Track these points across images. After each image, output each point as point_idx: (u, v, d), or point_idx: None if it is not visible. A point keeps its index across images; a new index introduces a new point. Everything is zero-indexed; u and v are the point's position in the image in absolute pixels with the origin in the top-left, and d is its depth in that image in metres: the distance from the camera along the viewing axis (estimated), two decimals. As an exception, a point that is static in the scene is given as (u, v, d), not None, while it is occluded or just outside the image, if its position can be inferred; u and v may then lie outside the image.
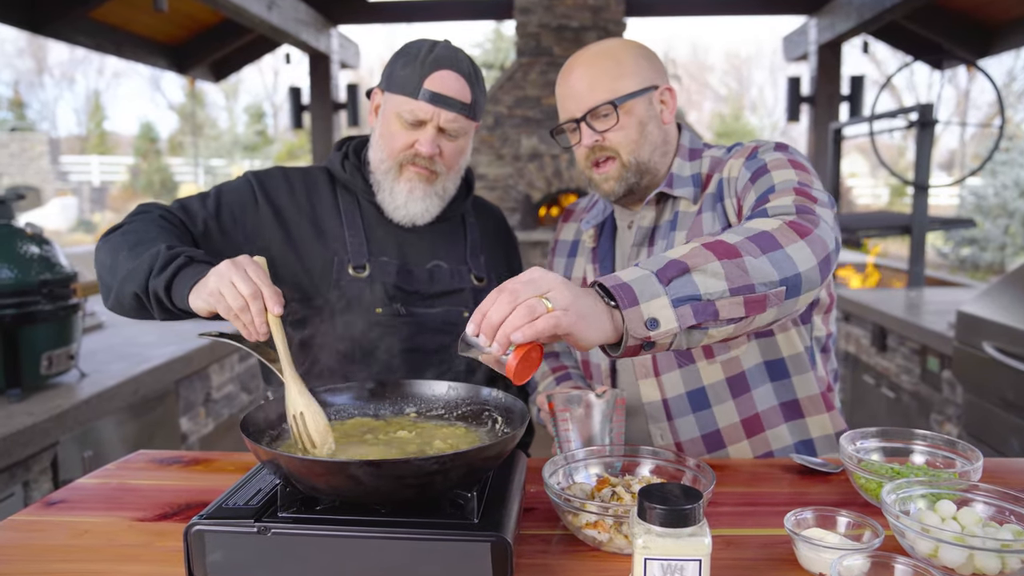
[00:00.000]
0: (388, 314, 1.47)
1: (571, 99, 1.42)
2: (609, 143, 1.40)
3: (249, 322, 1.14)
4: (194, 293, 1.19)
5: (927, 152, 4.61)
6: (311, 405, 1.10)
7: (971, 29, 6.48)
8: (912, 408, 3.91)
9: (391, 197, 1.50)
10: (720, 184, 1.39)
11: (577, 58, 1.44)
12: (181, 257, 1.25)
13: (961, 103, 20.53)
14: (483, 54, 20.03)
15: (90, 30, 5.56)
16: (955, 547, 0.88)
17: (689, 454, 1.42)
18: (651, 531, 0.81)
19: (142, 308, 1.32)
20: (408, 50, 1.47)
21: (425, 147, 1.44)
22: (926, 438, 1.23)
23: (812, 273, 1.07)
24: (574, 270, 1.58)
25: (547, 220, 6.63)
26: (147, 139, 22.31)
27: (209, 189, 1.52)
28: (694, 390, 1.42)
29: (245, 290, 1.13)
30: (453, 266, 1.55)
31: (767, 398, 1.43)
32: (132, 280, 1.28)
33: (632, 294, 0.96)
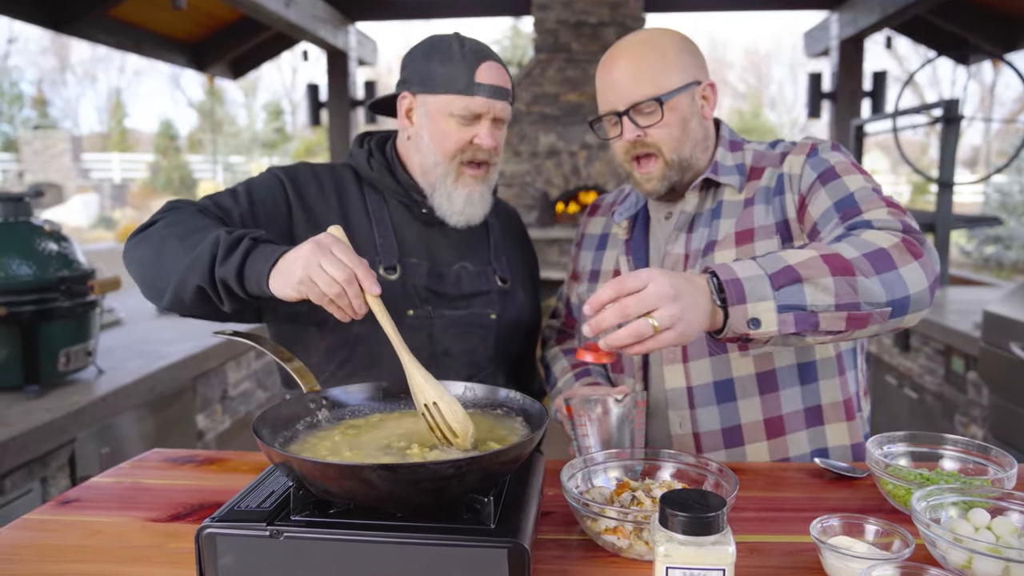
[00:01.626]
0: (419, 316, 1.45)
1: (613, 91, 1.39)
2: (651, 139, 1.38)
3: (347, 306, 1.10)
4: (277, 279, 1.13)
5: (952, 149, 4.53)
6: (444, 393, 1.04)
7: (998, 22, 6.36)
8: (936, 409, 3.85)
9: (449, 202, 1.47)
10: (780, 179, 1.38)
11: (621, 48, 1.41)
12: (246, 240, 1.19)
13: (986, 99, 20.25)
14: (501, 51, 20.02)
15: (110, 28, 5.60)
16: (990, 559, 0.85)
17: (706, 446, 1.40)
18: (673, 539, 0.78)
19: (206, 301, 1.24)
20: (437, 47, 1.43)
21: (487, 140, 1.43)
22: (956, 443, 1.19)
23: (922, 295, 1.11)
24: (603, 263, 1.55)
25: (564, 218, 6.60)
26: (167, 136, 22.49)
27: (236, 185, 1.45)
28: (722, 381, 1.39)
29: (339, 275, 1.08)
30: (478, 268, 1.53)
31: (793, 401, 1.40)
32: (194, 272, 1.20)
33: (742, 292, 1.03)
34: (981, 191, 13.36)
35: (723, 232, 1.38)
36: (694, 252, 1.40)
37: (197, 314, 1.32)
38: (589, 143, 6.30)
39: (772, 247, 1.32)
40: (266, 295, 1.16)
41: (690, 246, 1.41)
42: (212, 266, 1.18)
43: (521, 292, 1.58)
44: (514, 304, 1.55)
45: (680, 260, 1.40)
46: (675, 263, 1.41)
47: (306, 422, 1.09)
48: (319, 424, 1.10)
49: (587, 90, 6.29)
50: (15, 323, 2.41)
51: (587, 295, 1.55)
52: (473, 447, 1.02)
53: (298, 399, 1.10)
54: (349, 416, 1.14)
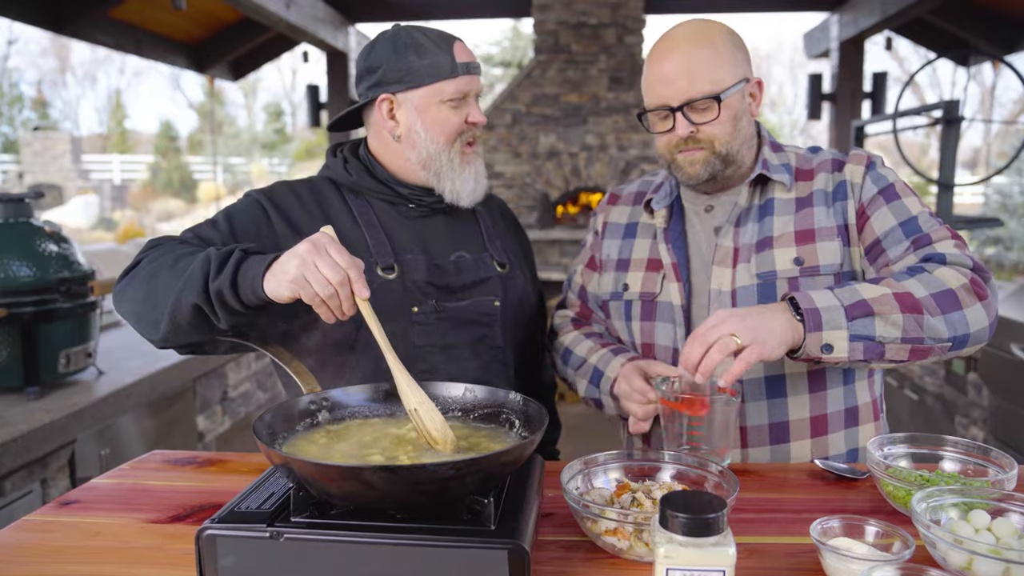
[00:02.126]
0: (424, 312, 1.44)
1: (666, 86, 1.37)
2: (703, 135, 1.38)
3: (337, 307, 1.11)
4: (272, 280, 1.14)
5: (952, 150, 4.53)
6: (424, 400, 1.06)
7: (998, 23, 6.36)
8: (936, 411, 3.85)
9: (461, 184, 1.49)
10: (842, 185, 1.40)
11: (673, 41, 1.38)
12: (237, 252, 1.21)
13: (986, 100, 20.25)
14: (501, 52, 20.00)
15: (111, 29, 5.60)
16: (991, 560, 0.85)
17: (752, 441, 1.39)
18: (673, 540, 0.78)
19: (204, 322, 1.24)
20: (403, 42, 1.44)
21: (480, 116, 1.47)
22: (957, 444, 1.19)
23: (981, 333, 1.25)
24: (634, 251, 1.54)
25: (565, 218, 6.60)
26: (167, 137, 22.48)
27: (216, 215, 1.45)
28: (774, 376, 1.39)
29: (333, 276, 1.09)
30: (475, 255, 1.53)
31: (837, 401, 1.41)
32: (189, 292, 1.20)
33: (819, 321, 1.17)
34: (981, 192, 13.35)
35: (779, 229, 1.39)
36: (745, 246, 1.40)
37: (193, 339, 1.30)
38: (589, 144, 6.30)
39: (834, 248, 1.36)
40: (262, 300, 1.17)
41: (739, 240, 1.41)
42: (206, 282, 1.19)
43: (520, 275, 1.58)
44: (515, 288, 1.55)
45: (730, 253, 1.40)
46: (725, 256, 1.40)
47: (306, 423, 1.09)
48: (319, 425, 1.10)
49: (587, 91, 6.29)
50: (15, 324, 2.41)
51: (614, 284, 1.54)
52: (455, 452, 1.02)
53: (298, 400, 1.11)
54: (349, 417, 1.14)
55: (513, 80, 6.47)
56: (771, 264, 1.37)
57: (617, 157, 6.23)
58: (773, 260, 1.37)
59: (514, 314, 1.55)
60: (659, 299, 1.46)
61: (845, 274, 1.37)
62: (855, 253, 1.38)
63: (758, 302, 1.36)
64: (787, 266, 1.36)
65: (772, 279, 1.37)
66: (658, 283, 1.46)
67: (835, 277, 1.36)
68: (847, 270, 1.37)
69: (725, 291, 1.38)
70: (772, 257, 1.37)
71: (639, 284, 1.49)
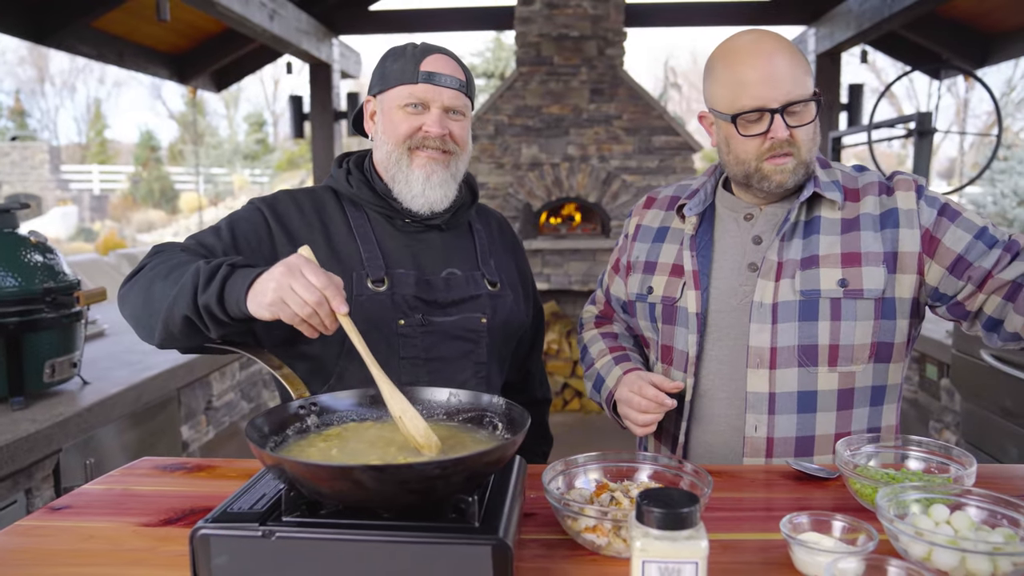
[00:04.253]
0: (410, 325, 1.48)
1: (767, 86, 1.34)
2: (796, 139, 1.38)
3: (319, 324, 1.15)
4: (253, 301, 1.18)
5: (926, 160, 4.63)
6: (407, 408, 1.09)
7: (970, 39, 6.51)
8: (911, 416, 3.92)
9: (408, 187, 1.50)
10: (894, 213, 1.40)
11: (769, 43, 1.36)
12: (224, 267, 1.25)
13: (960, 111, 20.59)
14: (483, 63, 20.09)
15: (93, 40, 5.60)
16: (948, 550, 0.90)
17: (777, 452, 1.43)
18: (649, 534, 0.82)
19: (195, 332, 1.29)
20: (394, 51, 1.50)
21: (434, 127, 1.46)
22: (921, 444, 1.25)
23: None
24: (661, 255, 1.56)
25: (547, 228, 6.65)
26: (147, 147, 22.35)
27: (219, 222, 1.51)
28: (806, 392, 1.41)
29: (310, 297, 1.13)
30: (467, 272, 1.56)
31: (862, 421, 1.44)
32: (180, 303, 1.26)
33: None
34: (956, 202, 13.57)
35: (826, 248, 1.40)
36: (789, 262, 1.41)
37: (188, 345, 1.37)
38: (571, 155, 6.37)
39: (878, 274, 1.38)
40: (247, 316, 1.21)
41: (784, 255, 1.42)
42: (195, 295, 1.24)
43: (511, 295, 1.61)
44: (504, 307, 1.58)
45: (774, 267, 1.42)
46: (769, 269, 1.42)
47: (296, 428, 1.12)
48: (309, 430, 1.13)
49: (569, 102, 6.35)
50: (0, 334, 2.41)
51: (640, 286, 1.57)
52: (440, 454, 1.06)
53: (288, 405, 1.14)
54: (338, 422, 1.18)
55: (495, 91, 6.52)
56: (816, 283, 1.39)
57: (598, 168, 6.30)
58: (818, 279, 1.39)
59: (502, 332, 1.58)
60: (678, 304, 1.50)
61: (887, 300, 1.39)
62: (902, 281, 1.40)
63: (799, 318, 1.39)
64: (831, 286, 1.38)
65: (815, 297, 1.38)
66: (679, 289, 1.50)
67: (875, 302, 1.39)
68: (889, 296, 1.39)
69: (767, 303, 1.41)
70: (817, 276, 1.39)
71: (662, 288, 1.53)
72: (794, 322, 1.39)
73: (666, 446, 1.55)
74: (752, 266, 1.45)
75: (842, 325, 1.38)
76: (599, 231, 6.46)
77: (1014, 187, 11.41)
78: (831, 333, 1.39)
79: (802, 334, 1.39)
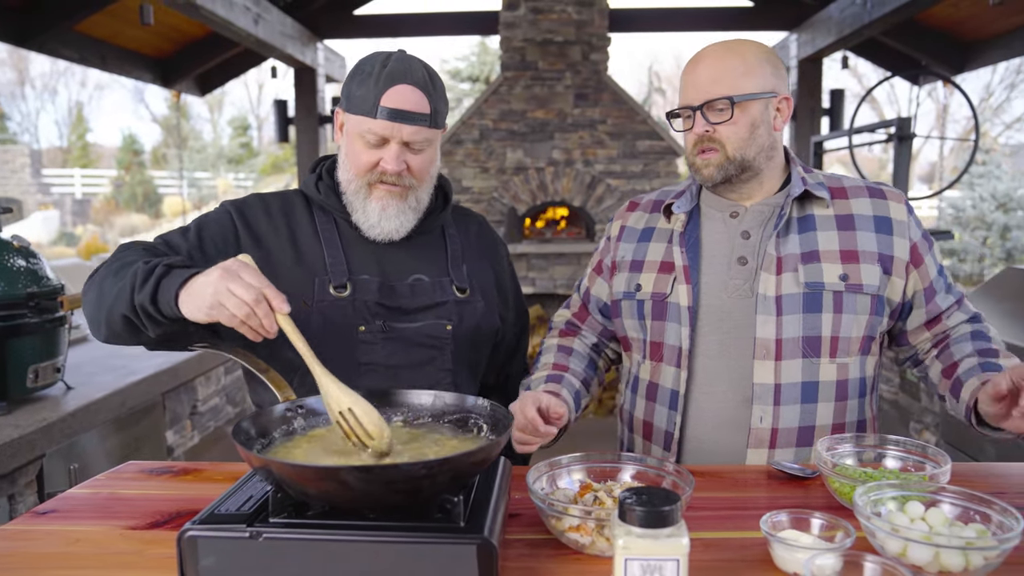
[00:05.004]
0: (371, 331, 1.48)
1: (692, 88, 1.48)
2: (718, 135, 1.47)
3: (258, 325, 1.15)
4: (189, 304, 1.20)
5: (905, 165, 4.69)
6: (358, 399, 1.09)
7: (948, 46, 6.61)
8: (892, 417, 3.97)
9: (365, 216, 1.50)
10: (887, 221, 1.50)
11: (708, 50, 1.51)
12: (160, 267, 1.26)
13: (940, 116, 20.83)
14: (468, 67, 20.12)
15: (76, 43, 5.57)
16: (922, 546, 0.92)
17: (780, 442, 1.45)
18: (631, 532, 0.84)
19: (135, 330, 1.32)
20: (362, 68, 1.46)
21: (391, 164, 1.44)
22: (898, 443, 1.27)
23: None
24: (648, 254, 1.60)
25: (532, 232, 6.68)
26: (130, 151, 22.19)
27: (190, 222, 1.53)
28: (809, 382, 1.46)
29: (247, 296, 1.14)
30: (434, 279, 1.56)
31: (854, 411, 1.50)
32: (119, 302, 1.28)
33: None
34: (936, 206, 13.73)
35: (824, 245, 1.47)
36: (789, 256, 1.47)
37: (131, 342, 1.38)
38: (556, 159, 6.40)
39: (875, 272, 1.46)
40: (180, 316, 1.23)
41: (782, 250, 1.47)
42: (133, 294, 1.26)
43: (482, 301, 1.60)
44: (473, 314, 1.58)
45: (774, 261, 1.46)
46: (769, 264, 1.46)
47: (283, 430, 1.13)
48: (295, 432, 1.14)
49: (554, 107, 6.39)
50: (-18, 340, 2.40)
51: (627, 284, 1.60)
52: (389, 448, 1.07)
53: (274, 408, 1.15)
54: (324, 424, 1.19)
55: (480, 96, 6.54)
56: (819, 276, 1.45)
57: (583, 172, 6.33)
58: (821, 273, 1.45)
59: (469, 339, 1.57)
60: (669, 300, 1.53)
61: (880, 298, 1.47)
62: (895, 283, 1.48)
63: (803, 310, 1.44)
64: (833, 280, 1.44)
65: (819, 290, 1.44)
66: (669, 284, 1.53)
67: (872, 299, 1.46)
68: (882, 295, 1.47)
69: (770, 296, 1.45)
70: (820, 270, 1.45)
71: (651, 284, 1.56)
72: (798, 314, 1.44)
73: (658, 445, 1.56)
74: (742, 260, 1.50)
75: (843, 318, 1.45)
76: (584, 235, 6.49)
77: (992, 191, 11.55)
78: (833, 325, 1.44)
79: (806, 325, 1.44)
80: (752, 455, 1.46)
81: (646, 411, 1.58)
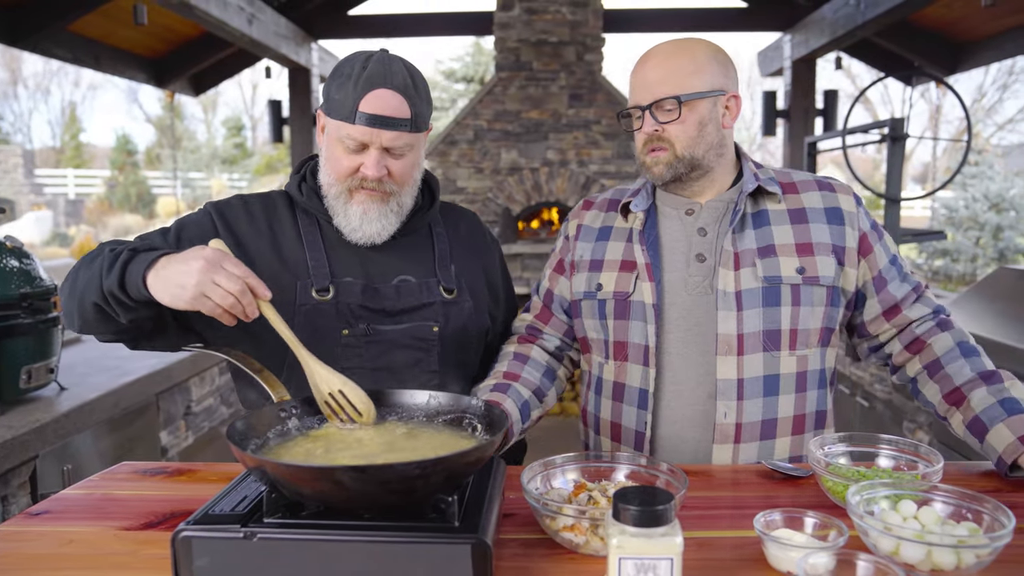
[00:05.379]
0: (354, 335, 1.47)
1: (641, 88, 1.49)
2: (667, 135, 1.48)
3: (240, 313, 1.18)
4: (163, 291, 1.21)
5: (898, 165, 4.71)
6: (346, 380, 1.14)
7: (941, 46, 6.64)
8: (885, 417, 3.99)
9: (346, 220, 1.49)
10: (838, 212, 1.52)
11: (656, 49, 1.51)
12: (126, 252, 1.28)
13: (933, 117, 20.91)
14: (463, 68, 20.12)
15: (69, 43, 5.55)
16: (915, 544, 0.93)
17: (744, 437, 1.46)
18: (625, 531, 0.84)
19: (106, 317, 1.33)
20: (341, 70, 1.42)
21: (371, 171, 1.42)
22: (891, 442, 1.28)
23: None
24: (607, 253, 1.59)
25: (527, 233, 6.68)
26: (124, 151, 22.10)
27: (172, 223, 1.53)
28: (771, 375, 1.46)
29: (233, 287, 1.16)
30: (421, 279, 1.54)
31: (813, 402, 1.51)
32: (89, 290, 1.30)
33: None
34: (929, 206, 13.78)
35: (780, 239, 1.49)
36: (746, 251, 1.48)
37: (102, 332, 1.39)
38: (550, 160, 6.40)
39: (830, 264, 1.48)
40: (148, 299, 1.24)
41: (738, 245, 1.48)
42: (101, 281, 1.28)
43: (470, 302, 1.58)
44: (460, 314, 1.56)
45: (731, 257, 1.47)
46: (727, 260, 1.47)
47: (277, 430, 1.13)
48: (289, 433, 1.14)
49: (548, 107, 6.39)
50: (-25, 340, 2.39)
51: (587, 284, 1.59)
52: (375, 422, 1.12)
53: (269, 408, 1.15)
54: (318, 425, 1.19)
55: (475, 96, 6.54)
56: (777, 270, 1.46)
57: (577, 172, 6.34)
58: (778, 266, 1.46)
59: (456, 340, 1.56)
60: (632, 298, 1.52)
61: (835, 289, 1.49)
62: (848, 273, 1.50)
63: (763, 304, 1.45)
64: (791, 273, 1.46)
65: (778, 283, 1.46)
66: (631, 283, 1.53)
67: (827, 290, 1.48)
68: (837, 286, 1.50)
69: (730, 292, 1.46)
70: (777, 263, 1.46)
71: (613, 284, 1.55)
72: (758, 308, 1.45)
73: (627, 445, 1.55)
74: (700, 256, 1.51)
75: (801, 310, 1.46)
76: (579, 235, 6.48)
77: (985, 191, 11.60)
78: (792, 318, 1.46)
79: (766, 319, 1.45)
80: (717, 451, 1.46)
81: (613, 412, 1.57)
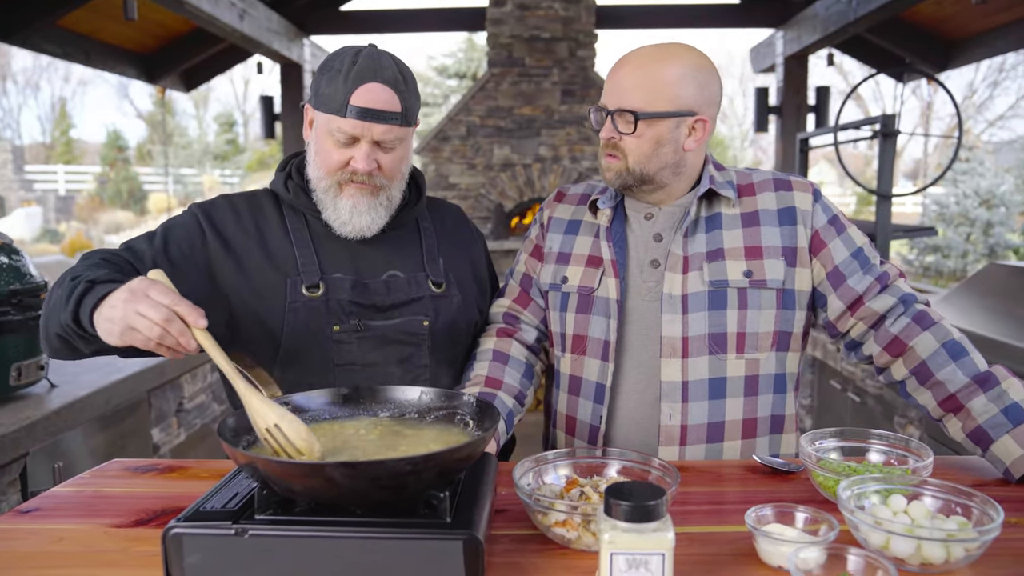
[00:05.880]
0: (345, 331, 1.47)
1: (611, 90, 1.48)
2: (622, 145, 1.46)
3: (174, 344, 1.11)
4: (101, 326, 1.16)
5: (890, 162, 4.72)
6: (284, 413, 1.06)
7: (932, 43, 6.66)
8: (876, 412, 4.01)
9: (335, 214, 1.48)
10: (791, 211, 1.50)
11: (636, 53, 1.49)
12: (82, 284, 1.22)
13: (925, 113, 20.99)
14: (455, 63, 20.08)
15: (58, 38, 5.51)
16: (905, 538, 0.93)
17: (690, 439, 1.46)
18: (617, 527, 0.84)
19: (71, 348, 1.29)
20: (331, 64, 1.42)
21: (361, 164, 1.42)
22: (881, 437, 1.29)
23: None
24: (575, 247, 1.59)
25: (519, 229, 6.67)
26: (114, 147, 21.99)
27: (158, 226, 1.50)
28: (716, 378, 1.46)
29: (157, 316, 1.09)
30: (410, 274, 1.54)
31: (767, 407, 1.50)
32: (52, 321, 1.27)
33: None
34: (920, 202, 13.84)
35: (729, 242, 1.48)
36: (695, 255, 1.47)
37: (71, 357, 1.35)
38: (543, 156, 6.40)
39: (779, 266, 1.47)
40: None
41: (688, 249, 1.48)
42: (60, 313, 1.24)
43: (459, 295, 1.58)
44: (449, 308, 1.56)
45: (680, 261, 1.47)
46: (675, 263, 1.47)
47: (268, 427, 1.12)
48: (281, 429, 1.14)
49: (540, 103, 6.39)
50: (-36, 338, 2.38)
51: (553, 276, 1.60)
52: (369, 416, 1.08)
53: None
54: (311, 421, 1.18)
55: (467, 92, 6.53)
56: (723, 274, 1.46)
57: (570, 168, 6.34)
58: (725, 270, 1.46)
59: (447, 334, 1.56)
60: (596, 294, 1.53)
61: (787, 292, 1.48)
62: (801, 274, 1.48)
63: (708, 308, 1.45)
64: (737, 276, 1.45)
65: (724, 287, 1.45)
66: (597, 278, 1.53)
67: (777, 293, 1.47)
68: (788, 288, 1.48)
69: (676, 295, 1.46)
70: (724, 267, 1.46)
71: (578, 278, 1.56)
72: (704, 311, 1.46)
73: (581, 440, 1.56)
74: (654, 263, 1.51)
75: (748, 313, 1.46)
76: (571, 231, 6.49)
77: (976, 188, 11.66)
78: (738, 321, 1.46)
79: (712, 323, 1.46)
80: (663, 452, 1.47)
81: (568, 405, 1.58)
